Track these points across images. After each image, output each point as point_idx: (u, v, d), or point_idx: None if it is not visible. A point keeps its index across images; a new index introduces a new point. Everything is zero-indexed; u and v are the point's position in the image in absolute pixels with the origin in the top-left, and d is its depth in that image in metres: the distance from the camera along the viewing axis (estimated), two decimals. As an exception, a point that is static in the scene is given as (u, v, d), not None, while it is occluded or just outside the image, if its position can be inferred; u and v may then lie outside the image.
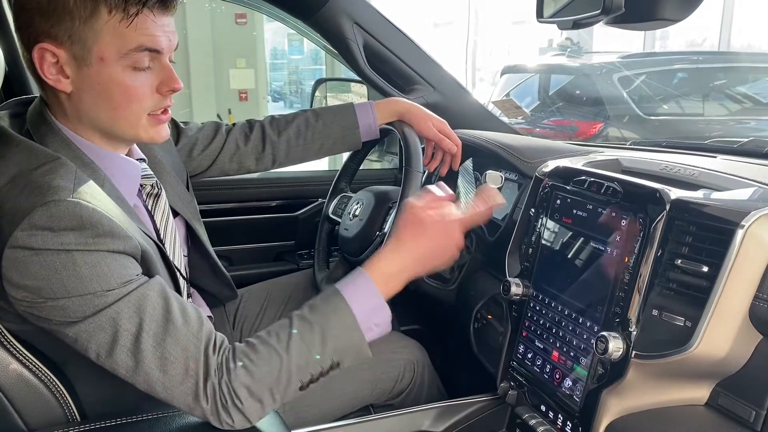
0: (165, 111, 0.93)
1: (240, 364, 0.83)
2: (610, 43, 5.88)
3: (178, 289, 1.02)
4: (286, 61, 12.24)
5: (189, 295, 1.18)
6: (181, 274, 1.08)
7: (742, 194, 0.90)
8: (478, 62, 10.52)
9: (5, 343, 0.90)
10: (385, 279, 0.90)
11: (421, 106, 1.36)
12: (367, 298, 0.88)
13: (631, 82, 4.72)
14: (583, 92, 4.85)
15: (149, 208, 1.03)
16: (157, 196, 1.05)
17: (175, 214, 1.14)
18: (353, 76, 1.84)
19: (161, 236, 1.05)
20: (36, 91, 1.64)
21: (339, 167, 1.56)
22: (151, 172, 1.04)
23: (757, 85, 5.07)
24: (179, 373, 0.82)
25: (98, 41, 0.82)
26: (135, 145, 1.02)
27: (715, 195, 0.90)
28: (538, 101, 5.23)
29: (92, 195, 0.81)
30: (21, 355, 0.91)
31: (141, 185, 1.00)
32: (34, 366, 0.92)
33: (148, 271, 0.88)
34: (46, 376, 0.92)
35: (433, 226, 0.91)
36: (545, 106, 5.11)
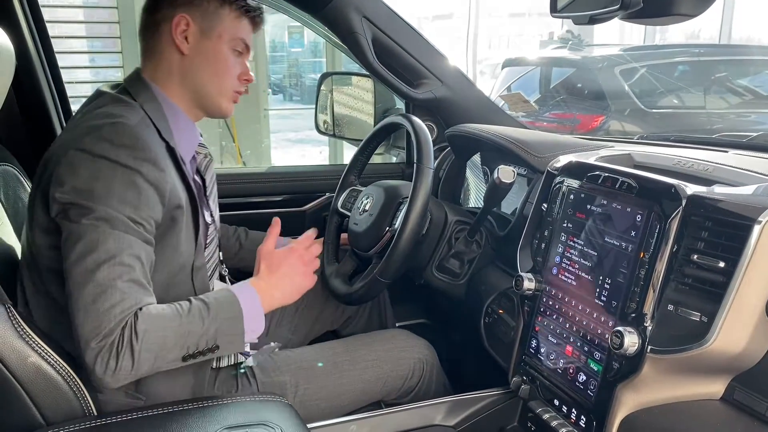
0: (239, 93, 1.19)
1: (150, 308, 0.95)
2: (610, 35, 5.85)
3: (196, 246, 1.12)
4: (286, 54, 12.19)
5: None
6: (212, 221, 1.23)
7: (757, 190, 0.90)
8: (478, 55, 10.48)
9: (23, 335, 0.91)
10: (261, 301, 1.10)
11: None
12: (251, 304, 1.07)
13: (632, 75, 4.70)
14: (585, 85, 4.83)
15: (201, 169, 1.21)
16: (210, 162, 1.23)
17: None
18: (355, 67, 1.83)
19: (207, 192, 1.22)
20: (44, 88, 1.64)
21: (342, 161, 1.56)
22: (206, 145, 1.22)
23: (758, 78, 5.06)
24: (104, 309, 0.90)
25: (221, 22, 1.11)
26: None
27: (731, 190, 0.91)
28: (539, 94, 5.21)
29: (150, 131, 1.02)
30: (38, 347, 0.91)
31: (196, 152, 1.19)
32: (52, 359, 0.92)
33: (175, 219, 1.03)
34: (63, 369, 0.93)
35: (284, 270, 1.16)
36: (547, 99, 5.09)
